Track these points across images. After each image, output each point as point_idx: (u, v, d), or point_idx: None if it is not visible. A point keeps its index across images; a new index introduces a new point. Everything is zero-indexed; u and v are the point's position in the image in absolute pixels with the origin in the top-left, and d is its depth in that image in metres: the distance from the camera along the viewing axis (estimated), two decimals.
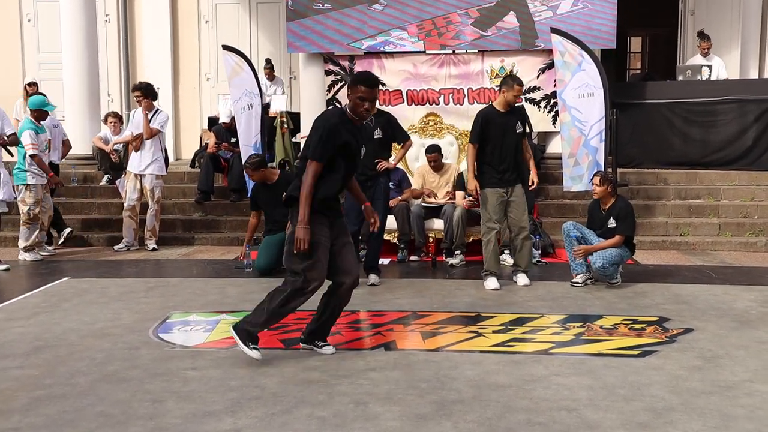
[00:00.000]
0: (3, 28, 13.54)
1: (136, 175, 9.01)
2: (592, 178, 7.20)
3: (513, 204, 7.00)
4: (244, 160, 9.29)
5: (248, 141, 9.44)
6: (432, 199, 8.50)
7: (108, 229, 9.63)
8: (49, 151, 8.77)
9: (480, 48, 10.25)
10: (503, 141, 6.90)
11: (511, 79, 6.96)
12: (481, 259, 7.38)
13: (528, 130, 7.14)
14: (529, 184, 7.22)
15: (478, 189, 7.00)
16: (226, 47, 9.71)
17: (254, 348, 4.70)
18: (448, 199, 8.40)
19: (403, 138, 7.42)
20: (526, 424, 3.80)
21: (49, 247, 8.96)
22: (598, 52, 9.74)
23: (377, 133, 7.10)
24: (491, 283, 6.93)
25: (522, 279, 7.05)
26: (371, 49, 10.30)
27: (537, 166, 9.92)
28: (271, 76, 11.54)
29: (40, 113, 8.57)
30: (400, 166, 8.89)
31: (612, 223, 6.89)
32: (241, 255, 8.09)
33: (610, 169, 8.77)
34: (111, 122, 10.49)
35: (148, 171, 8.99)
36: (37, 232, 8.54)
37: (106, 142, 10.49)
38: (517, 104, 7.17)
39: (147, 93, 8.95)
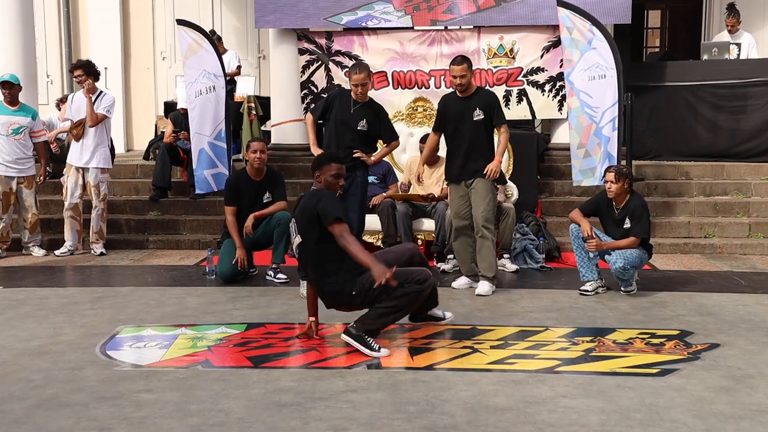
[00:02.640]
0: None
1: (77, 169, 8.96)
2: (604, 174, 7.22)
3: (472, 197, 7.13)
4: (196, 153, 9.24)
5: (205, 129, 9.34)
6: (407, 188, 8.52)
7: (47, 230, 9.56)
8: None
9: (476, 23, 10.26)
10: (458, 129, 7.11)
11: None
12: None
13: (497, 121, 7.15)
14: (484, 173, 7.15)
15: (421, 178, 7.49)
16: (181, 22, 9.63)
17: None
18: (428, 194, 8.38)
19: (391, 137, 7.45)
20: None
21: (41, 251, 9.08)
22: (610, 28, 9.77)
23: (362, 125, 7.11)
24: (457, 282, 7.28)
25: (481, 287, 7.08)
26: (352, 24, 10.28)
27: (540, 159, 10.05)
28: (220, 49, 11.44)
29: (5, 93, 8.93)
30: (386, 160, 8.90)
31: (628, 223, 6.92)
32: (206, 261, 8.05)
33: (624, 162, 8.79)
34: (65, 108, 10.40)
35: (92, 164, 8.93)
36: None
37: (50, 128, 10.41)
38: (486, 89, 7.49)
39: (89, 72, 8.90)
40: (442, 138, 9.21)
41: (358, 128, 7.12)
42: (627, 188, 6.99)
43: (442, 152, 9.02)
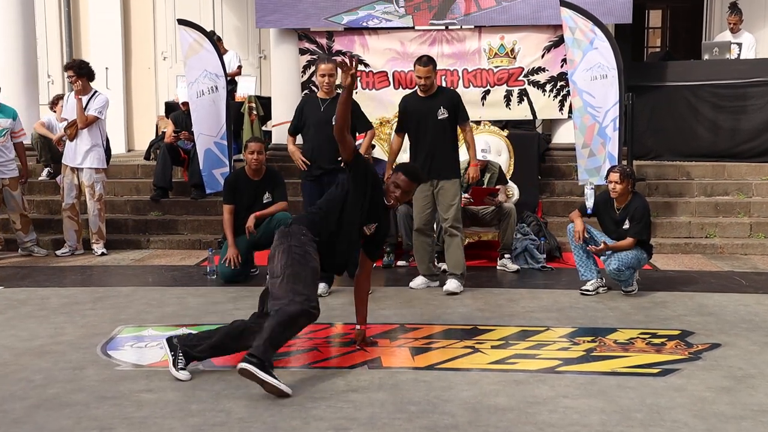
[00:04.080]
0: None
1: (72, 169, 8.96)
2: (607, 174, 7.22)
3: (438, 197, 7.16)
4: (202, 153, 9.24)
5: (209, 130, 9.35)
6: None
7: (48, 230, 9.57)
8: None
9: (477, 23, 10.25)
10: (421, 129, 7.11)
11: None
12: (476, 264, 7.44)
13: (461, 119, 7.17)
14: (464, 180, 7.35)
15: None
16: (182, 21, 9.63)
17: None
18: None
19: (365, 126, 7.41)
20: None
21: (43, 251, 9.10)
22: (611, 28, 9.76)
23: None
24: (413, 281, 7.27)
25: (449, 284, 7.10)
26: (352, 24, 10.28)
27: (541, 159, 10.05)
28: (221, 49, 11.44)
29: None
30: (384, 158, 8.89)
31: (627, 224, 6.91)
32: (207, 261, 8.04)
33: (624, 162, 8.79)
34: (61, 107, 10.39)
35: (86, 164, 8.91)
36: None
37: (50, 129, 10.40)
38: (448, 88, 7.38)
39: (81, 72, 8.88)
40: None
41: (334, 123, 7.09)
42: (630, 189, 6.98)
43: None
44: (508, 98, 10.11)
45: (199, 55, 9.40)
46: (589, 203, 7.44)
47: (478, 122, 9.39)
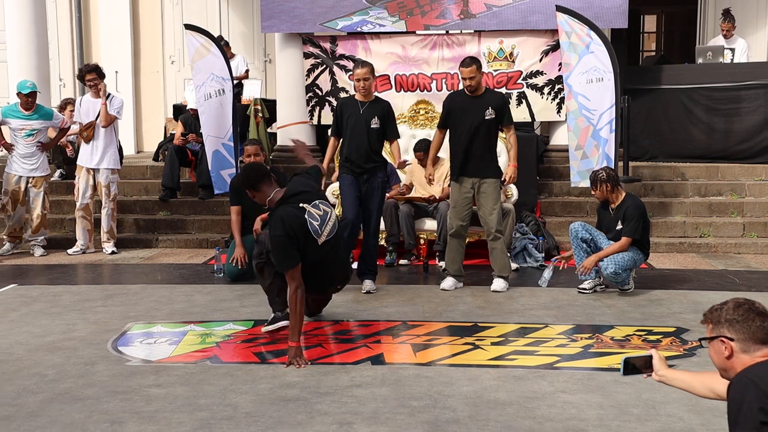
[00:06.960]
0: None
1: (88, 170, 8.98)
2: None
3: (480, 200, 7.11)
4: (210, 154, 9.27)
5: (217, 132, 9.38)
6: (406, 193, 8.48)
7: (60, 229, 9.59)
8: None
9: (468, 28, 10.22)
10: (464, 127, 7.05)
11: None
12: (478, 263, 7.43)
13: (506, 121, 7.15)
14: (502, 179, 7.29)
15: (432, 177, 7.44)
16: (188, 26, 9.65)
17: None
18: (430, 195, 8.37)
19: (393, 135, 7.41)
20: None
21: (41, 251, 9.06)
22: (607, 32, 9.76)
23: (375, 123, 7.06)
24: (444, 283, 7.16)
25: (495, 284, 7.10)
26: (347, 29, 10.25)
27: (539, 160, 10.06)
28: (228, 54, 11.45)
29: (21, 98, 8.91)
30: (389, 160, 8.89)
31: (620, 225, 6.90)
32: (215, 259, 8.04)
33: (621, 164, 8.78)
34: (70, 111, 10.42)
35: (103, 165, 8.95)
36: (9, 224, 9.02)
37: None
38: (495, 90, 7.33)
39: (102, 75, 8.97)
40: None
41: (372, 126, 7.08)
42: (610, 190, 6.95)
43: (442, 153, 9.05)
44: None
45: (206, 59, 9.42)
46: (545, 276, 7.34)
47: None
